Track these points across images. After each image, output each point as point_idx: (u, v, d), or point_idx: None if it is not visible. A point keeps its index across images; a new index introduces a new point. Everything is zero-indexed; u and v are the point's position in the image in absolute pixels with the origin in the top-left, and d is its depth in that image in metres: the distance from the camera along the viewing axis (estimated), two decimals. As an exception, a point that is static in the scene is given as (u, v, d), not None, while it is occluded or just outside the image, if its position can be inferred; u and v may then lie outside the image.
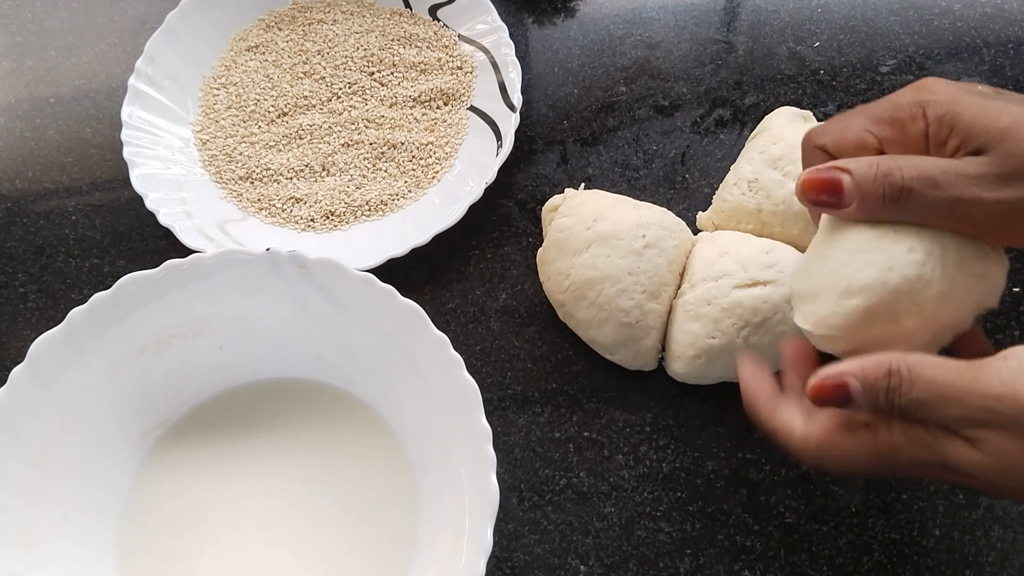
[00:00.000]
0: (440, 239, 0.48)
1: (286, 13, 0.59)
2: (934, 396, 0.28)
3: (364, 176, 0.53)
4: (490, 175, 0.50)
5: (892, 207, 0.31)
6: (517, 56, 0.54)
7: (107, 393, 0.40)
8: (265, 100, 0.55)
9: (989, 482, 0.29)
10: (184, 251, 0.46)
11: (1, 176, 0.55)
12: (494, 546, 0.34)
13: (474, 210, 0.49)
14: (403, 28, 0.58)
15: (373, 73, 0.56)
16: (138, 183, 0.50)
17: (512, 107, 0.53)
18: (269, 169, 0.53)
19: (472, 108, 0.55)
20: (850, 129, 0.33)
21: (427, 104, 0.55)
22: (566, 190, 0.48)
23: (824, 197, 0.32)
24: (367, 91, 0.56)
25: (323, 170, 0.53)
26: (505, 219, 0.52)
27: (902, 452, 0.30)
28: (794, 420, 0.33)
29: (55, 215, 0.53)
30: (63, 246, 0.52)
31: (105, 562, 0.39)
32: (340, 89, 0.56)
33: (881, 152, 0.33)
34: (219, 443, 0.42)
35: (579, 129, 0.55)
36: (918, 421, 0.30)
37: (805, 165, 0.35)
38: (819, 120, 0.50)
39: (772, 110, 0.50)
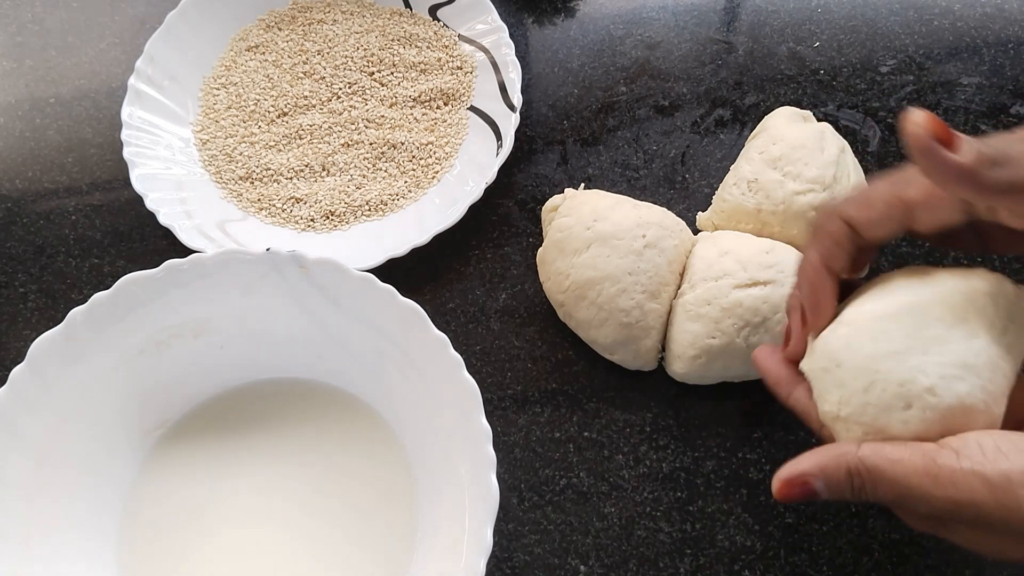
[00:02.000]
0: (440, 239, 0.48)
1: (286, 13, 0.59)
2: (900, 496, 0.28)
3: (364, 176, 0.53)
4: (490, 175, 0.50)
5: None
6: (517, 56, 0.54)
7: (107, 393, 0.40)
8: (265, 100, 0.55)
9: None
10: (184, 251, 0.46)
11: (1, 176, 0.55)
12: (494, 546, 0.34)
13: (474, 210, 0.49)
14: (403, 28, 0.58)
15: (373, 73, 0.56)
16: (138, 183, 0.50)
17: (512, 107, 0.53)
18: (269, 169, 0.53)
19: (472, 108, 0.55)
20: (876, 201, 0.32)
21: (427, 104, 0.55)
22: (566, 190, 0.48)
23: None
24: (367, 91, 0.56)
25: (323, 170, 0.53)
26: (505, 219, 0.52)
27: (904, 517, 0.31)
28: (809, 407, 0.33)
29: (55, 215, 0.53)
30: (63, 246, 0.52)
31: (105, 562, 0.39)
32: (340, 89, 0.56)
33: (908, 220, 0.32)
34: (219, 443, 0.42)
35: (579, 129, 0.55)
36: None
37: (819, 234, 0.34)
38: (819, 120, 0.50)
39: (772, 110, 0.50)
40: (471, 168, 0.52)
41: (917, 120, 0.28)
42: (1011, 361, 0.31)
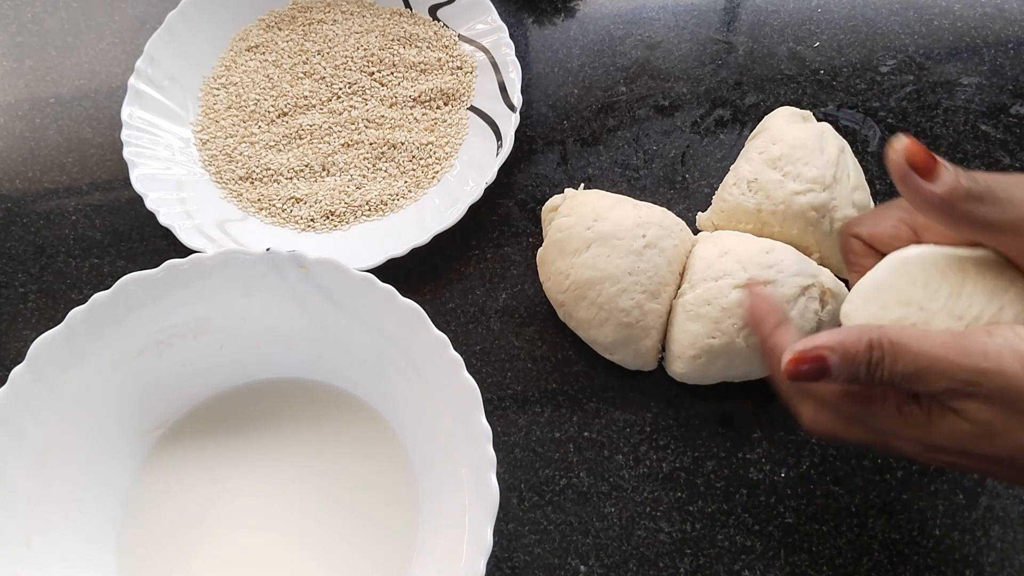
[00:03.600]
0: (440, 239, 0.48)
1: (286, 13, 0.59)
2: (920, 369, 0.28)
3: (364, 176, 0.53)
4: (490, 175, 0.50)
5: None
6: (517, 56, 0.54)
7: (107, 393, 0.40)
8: (265, 100, 0.55)
9: (978, 455, 0.29)
10: (184, 251, 0.46)
11: (1, 176, 0.55)
12: (494, 546, 0.34)
13: (474, 210, 0.49)
14: (403, 28, 0.58)
15: (373, 73, 0.56)
16: (138, 183, 0.50)
17: (512, 107, 0.53)
18: (269, 169, 0.53)
19: (472, 108, 0.55)
20: (885, 220, 0.33)
21: (427, 104, 0.55)
22: (566, 190, 0.48)
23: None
24: (367, 91, 0.56)
25: (323, 170, 0.53)
26: (505, 219, 0.52)
27: (895, 427, 0.31)
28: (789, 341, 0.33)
29: (55, 215, 0.53)
30: (63, 246, 0.52)
31: (105, 561, 0.39)
32: (340, 89, 0.56)
33: (916, 241, 0.33)
34: (219, 443, 0.42)
35: (579, 129, 0.55)
36: (903, 391, 0.30)
37: (842, 252, 0.35)
38: (819, 120, 0.50)
39: (772, 110, 0.50)
40: (471, 168, 0.52)
41: (897, 146, 0.29)
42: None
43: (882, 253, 0.34)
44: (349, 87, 0.56)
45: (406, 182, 0.52)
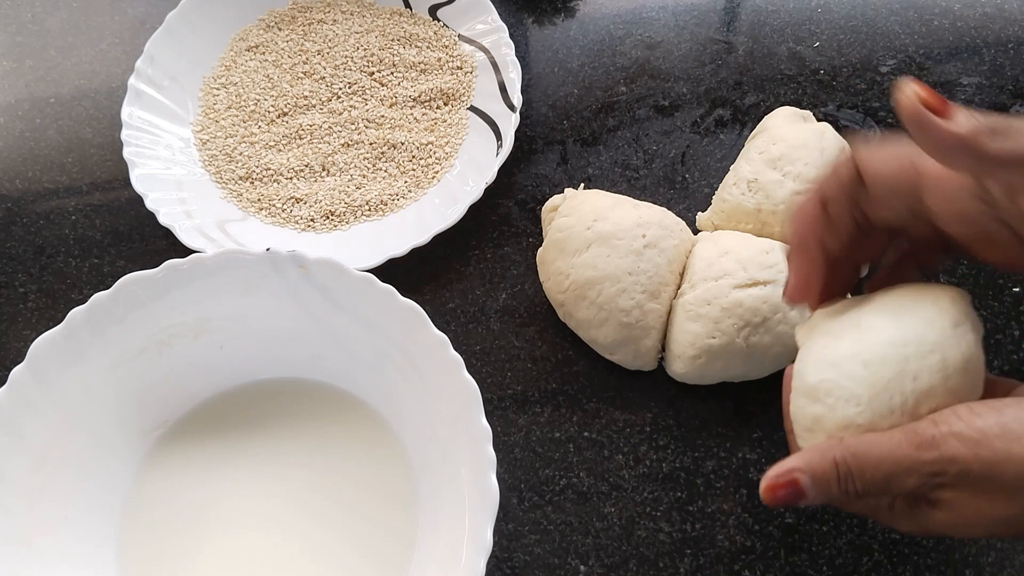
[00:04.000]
0: (440, 239, 0.48)
1: (286, 13, 0.59)
2: (887, 474, 0.29)
3: (364, 176, 0.53)
4: (490, 175, 0.50)
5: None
6: (517, 56, 0.54)
7: (107, 393, 0.40)
8: (265, 100, 0.55)
9: (963, 535, 0.30)
10: (184, 251, 0.46)
11: (1, 176, 0.55)
12: (494, 546, 0.34)
13: (474, 210, 0.49)
14: (403, 28, 0.58)
15: (373, 73, 0.56)
16: (138, 183, 0.50)
17: (512, 107, 0.53)
18: (269, 169, 0.53)
19: (472, 108, 0.55)
20: (891, 153, 0.31)
21: (427, 104, 0.55)
22: (566, 190, 0.48)
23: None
24: (367, 91, 0.56)
25: (323, 170, 0.53)
26: (505, 219, 0.52)
27: (889, 522, 0.32)
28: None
29: (55, 215, 0.53)
30: (63, 246, 0.52)
31: (105, 561, 0.39)
32: (340, 89, 0.56)
33: (917, 188, 0.31)
34: (219, 443, 0.42)
35: (579, 129, 0.55)
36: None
37: (824, 176, 0.33)
38: (819, 120, 0.50)
39: (772, 110, 0.50)
40: (471, 168, 0.52)
41: (907, 90, 0.27)
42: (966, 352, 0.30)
43: (870, 193, 0.32)
44: (349, 87, 0.56)
45: (406, 182, 0.52)
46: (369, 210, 0.51)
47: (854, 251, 0.34)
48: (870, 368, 0.30)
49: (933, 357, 0.30)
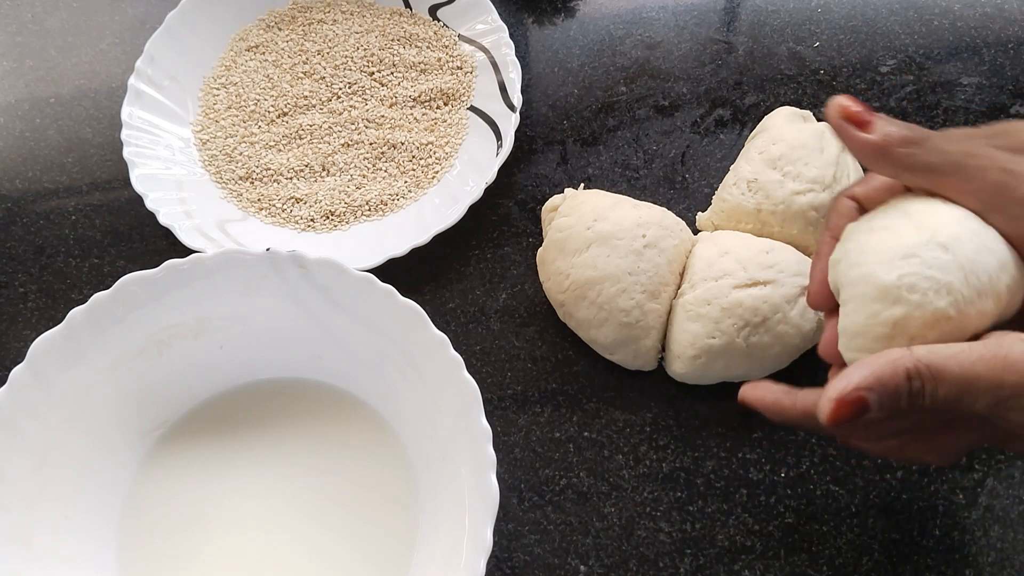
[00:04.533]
0: (440, 239, 0.48)
1: (286, 13, 0.59)
2: (962, 391, 0.27)
3: (364, 176, 0.53)
4: (490, 175, 0.50)
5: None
6: (517, 56, 0.54)
7: (107, 393, 0.40)
8: (265, 100, 0.55)
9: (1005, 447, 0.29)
10: (184, 251, 0.46)
11: (1, 176, 0.55)
12: (494, 546, 0.34)
13: (474, 210, 0.49)
14: (403, 28, 0.58)
15: (373, 73, 0.56)
16: (138, 183, 0.50)
17: (512, 107, 0.53)
18: (269, 169, 0.53)
19: (472, 108, 0.55)
20: (876, 179, 0.34)
21: (427, 104, 0.55)
22: (566, 190, 0.48)
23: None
24: (367, 91, 0.56)
25: (323, 170, 0.53)
26: (505, 219, 0.52)
27: (944, 451, 0.31)
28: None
29: (55, 215, 0.53)
30: (63, 246, 0.52)
31: (105, 561, 0.39)
32: (340, 89, 0.56)
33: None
34: (219, 443, 0.42)
35: (579, 129, 0.55)
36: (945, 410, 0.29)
37: (827, 215, 0.35)
38: (819, 120, 0.50)
39: (772, 110, 0.50)
40: (471, 168, 0.52)
41: (833, 104, 0.31)
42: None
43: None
44: (349, 87, 0.56)
45: (406, 182, 0.52)
46: (369, 210, 0.51)
47: None
48: (951, 251, 0.28)
49: (990, 231, 0.29)
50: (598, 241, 0.44)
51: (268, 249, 0.40)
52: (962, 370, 0.27)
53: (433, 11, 0.58)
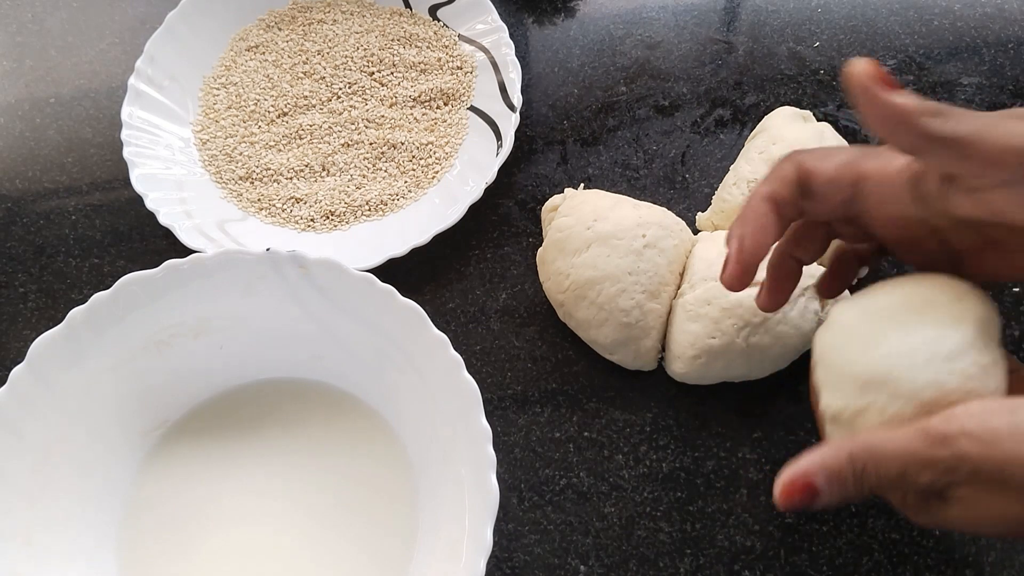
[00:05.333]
0: (440, 239, 0.48)
1: (286, 13, 0.59)
2: (901, 470, 0.29)
3: (364, 176, 0.53)
4: (490, 175, 0.50)
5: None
6: (517, 56, 0.54)
7: (107, 393, 0.40)
8: (265, 100, 0.55)
9: (976, 532, 0.30)
10: (184, 251, 0.46)
11: (1, 176, 0.55)
12: (494, 546, 0.34)
13: (474, 210, 0.49)
14: (403, 28, 0.58)
15: (373, 73, 0.56)
16: (138, 183, 0.50)
17: (512, 107, 0.53)
18: (269, 169, 0.53)
19: (472, 108, 0.55)
20: (831, 159, 0.33)
21: (427, 104, 0.55)
22: (566, 190, 0.48)
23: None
24: (367, 91, 0.56)
25: (323, 170, 0.53)
26: (505, 219, 0.52)
27: (905, 511, 0.32)
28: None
29: (55, 215, 0.53)
30: (63, 246, 0.52)
31: (105, 561, 0.39)
32: (340, 89, 0.56)
33: (854, 189, 0.33)
34: (219, 443, 0.42)
35: (579, 129, 0.55)
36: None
37: (769, 174, 0.34)
38: (819, 120, 0.50)
39: (772, 110, 0.50)
40: (471, 168, 0.52)
41: (859, 64, 0.29)
42: (993, 355, 0.31)
43: (812, 191, 0.33)
44: (349, 87, 0.56)
45: (406, 182, 0.52)
46: (369, 210, 0.51)
47: (795, 247, 0.36)
48: (928, 367, 0.30)
49: (965, 359, 0.30)
50: (598, 241, 0.44)
51: (268, 249, 0.40)
52: (896, 448, 0.29)
53: (433, 11, 0.58)
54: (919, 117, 0.28)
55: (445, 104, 0.55)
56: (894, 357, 0.31)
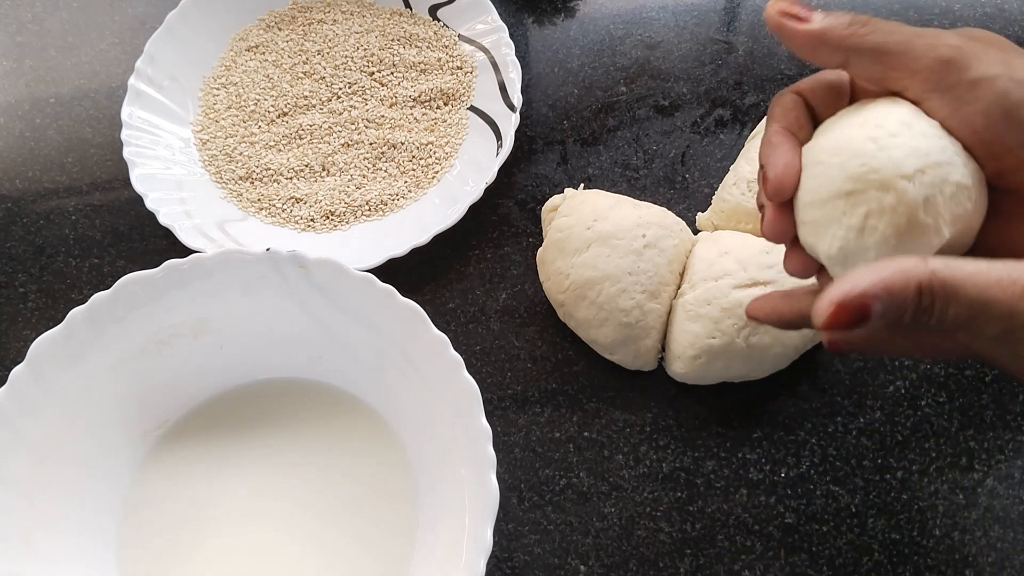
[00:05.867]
0: (440, 239, 0.48)
1: (286, 13, 0.59)
2: (974, 315, 0.25)
3: (364, 176, 0.53)
4: (490, 175, 0.50)
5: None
6: (517, 56, 0.54)
7: (107, 393, 0.40)
8: (265, 100, 0.55)
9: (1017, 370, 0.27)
10: (184, 251, 0.46)
11: (1, 176, 0.55)
12: (494, 546, 0.34)
13: (474, 210, 0.49)
14: (403, 28, 0.58)
15: (373, 73, 0.56)
16: (138, 183, 0.50)
17: (512, 107, 0.53)
18: (269, 169, 0.53)
19: (472, 108, 0.55)
20: (822, 75, 0.32)
21: (427, 104, 0.55)
22: (566, 190, 0.48)
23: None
24: (367, 91, 0.56)
25: (323, 170, 0.53)
26: (505, 219, 0.52)
27: (933, 351, 0.29)
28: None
29: (55, 215, 0.53)
30: (63, 246, 0.52)
31: (105, 560, 0.39)
32: (340, 89, 0.56)
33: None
34: (219, 443, 0.42)
35: (579, 129, 0.55)
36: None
37: (773, 109, 0.33)
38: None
39: (772, 110, 0.50)
40: (471, 168, 0.52)
41: (771, 5, 0.30)
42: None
43: (815, 111, 0.32)
44: (349, 87, 0.56)
45: (406, 182, 0.52)
46: (369, 210, 0.51)
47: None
48: (897, 138, 0.28)
49: (921, 121, 0.29)
50: (598, 241, 0.44)
51: (268, 249, 0.40)
52: (978, 291, 0.25)
53: (433, 11, 0.58)
54: (830, 34, 0.30)
55: (445, 104, 0.55)
56: (856, 144, 0.28)
